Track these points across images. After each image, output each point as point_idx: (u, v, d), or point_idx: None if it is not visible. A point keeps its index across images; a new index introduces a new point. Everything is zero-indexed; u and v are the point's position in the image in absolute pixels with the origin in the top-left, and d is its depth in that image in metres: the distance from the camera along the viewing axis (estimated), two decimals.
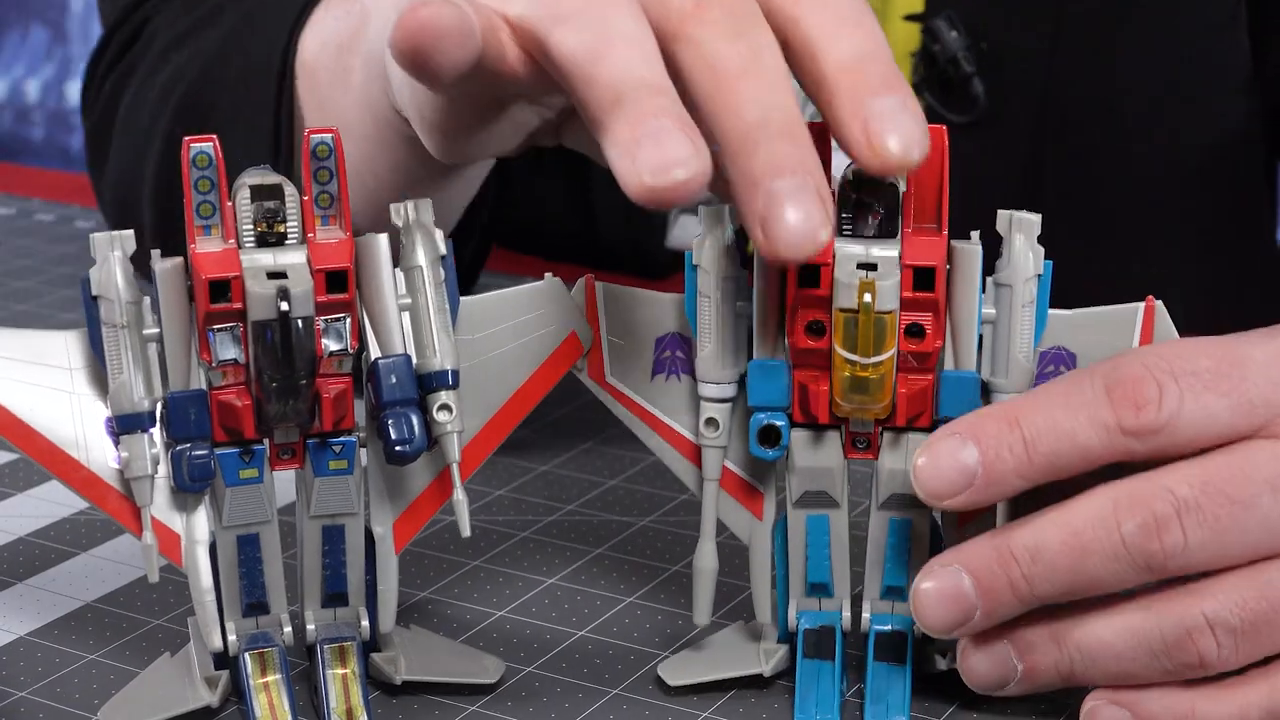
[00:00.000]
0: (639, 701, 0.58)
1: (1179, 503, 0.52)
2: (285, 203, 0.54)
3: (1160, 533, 0.52)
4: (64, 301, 0.96)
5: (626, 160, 0.48)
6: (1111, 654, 0.54)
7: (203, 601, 0.55)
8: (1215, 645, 0.53)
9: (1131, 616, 0.54)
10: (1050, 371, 0.56)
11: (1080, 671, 0.55)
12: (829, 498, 0.57)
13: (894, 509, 0.57)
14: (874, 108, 0.50)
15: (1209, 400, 0.53)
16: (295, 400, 0.54)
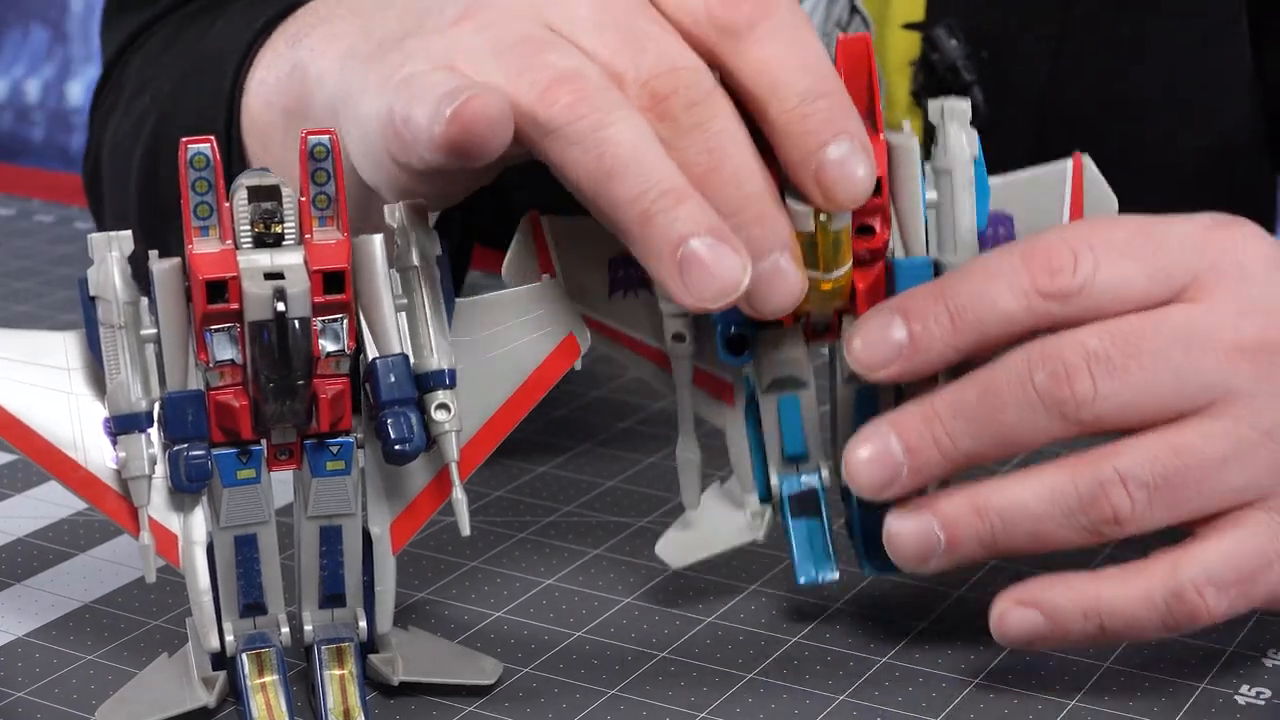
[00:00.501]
0: (637, 702, 0.58)
1: (1089, 354, 0.55)
2: (282, 203, 0.54)
3: (1070, 380, 0.54)
4: (63, 302, 0.96)
5: (679, 288, 0.53)
6: (1029, 515, 0.56)
7: (200, 602, 0.55)
8: (1129, 500, 0.55)
9: (1048, 477, 0.56)
10: (990, 234, 0.59)
11: (1001, 539, 0.56)
12: (797, 380, 0.60)
13: (858, 384, 0.60)
14: (823, 158, 0.54)
15: (1125, 265, 0.56)
16: (292, 401, 0.54)
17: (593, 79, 0.54)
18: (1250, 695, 0.58)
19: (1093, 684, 0.59)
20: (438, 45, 0.56)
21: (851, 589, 0.65)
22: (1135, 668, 0.60)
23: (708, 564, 0.67)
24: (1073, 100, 0.94)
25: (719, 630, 0.63)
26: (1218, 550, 0.56)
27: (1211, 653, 0.61)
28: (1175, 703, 0.58)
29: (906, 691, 0.59)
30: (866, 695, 0.59)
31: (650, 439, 0.78)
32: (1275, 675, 0.59)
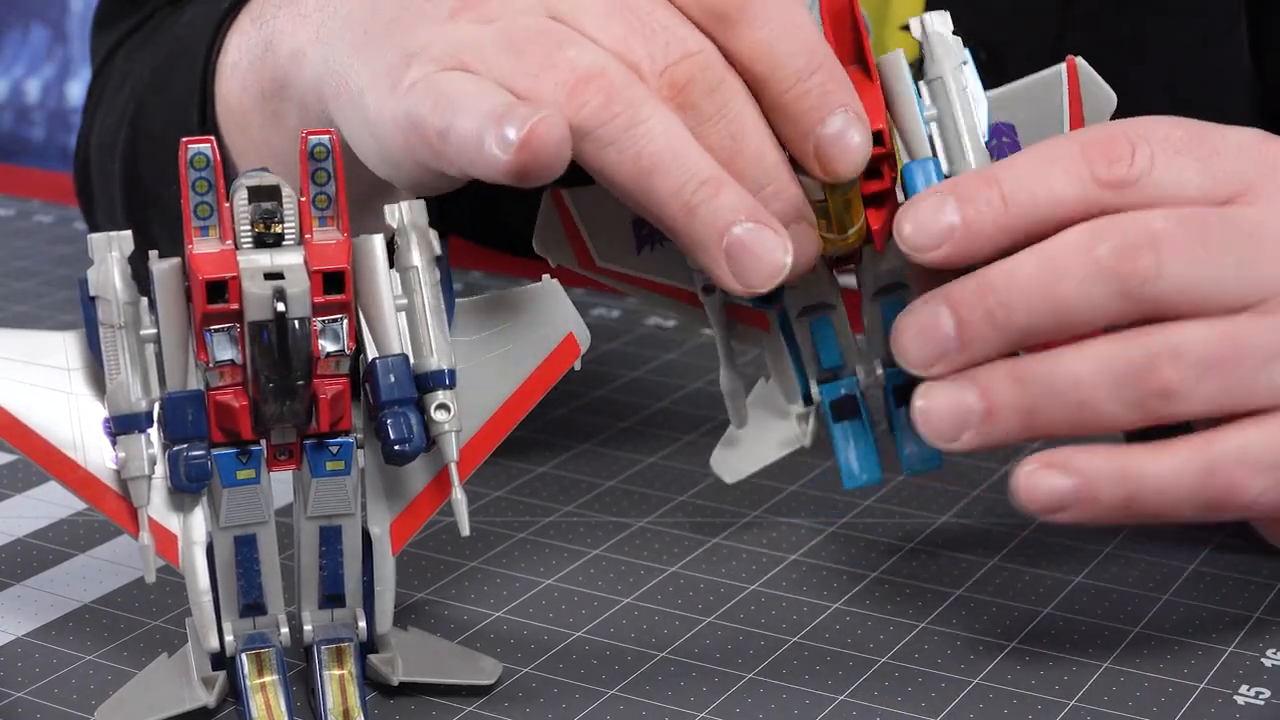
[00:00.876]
0: (636, 702, 0.58)
1: (1155, 233, 0.54)
2: (283, 204, 0.54)
3: (1135, 255, 0.53)
4: (63, 302, 0.96)
5: (729, 278, 0.54)
6: (1075, 383, 0.54)
7: (200, 602, 0.55)
8: (1179, 374, 0.53)
9: (1098, 346, 0.54)
10: (993, 145, 0.58)
11: (1044, 410, 0.54)
12: (825, 304, 0.62)
13: (885, 296, 0.61)
14: (820, 134, 0.55)
15: (1182, 162, 0.55)
16: (292, 401, 0.54)
17: (617, 75, 0.54)
18: (1249, 695, 0.58)
19: (1092, 684, 0.59)
20: (442, 41, 0.56)
21: (849, 590, 0.65)
22: (1135, 668, 0.60)
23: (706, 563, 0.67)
24: None
25: (718, 630, 0.63)
26: (1258, 434, 0.54)
27: (1211, 652, 0.61)
28: (1174, 702, 0.58)
29: (906, 692, 0.59)
30: (866, 695, 0.59)
31: (650, 439, 0.78)
32: (1275, 675, 0.59)
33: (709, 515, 0.71)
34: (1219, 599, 0.64)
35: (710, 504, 0.72)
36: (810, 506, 0.72)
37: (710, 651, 0.61)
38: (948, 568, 0.67)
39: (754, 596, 0.65)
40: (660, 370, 0.87)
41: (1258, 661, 0.60)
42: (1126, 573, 0.66)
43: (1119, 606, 0.64)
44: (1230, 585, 0.65)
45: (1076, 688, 0.59)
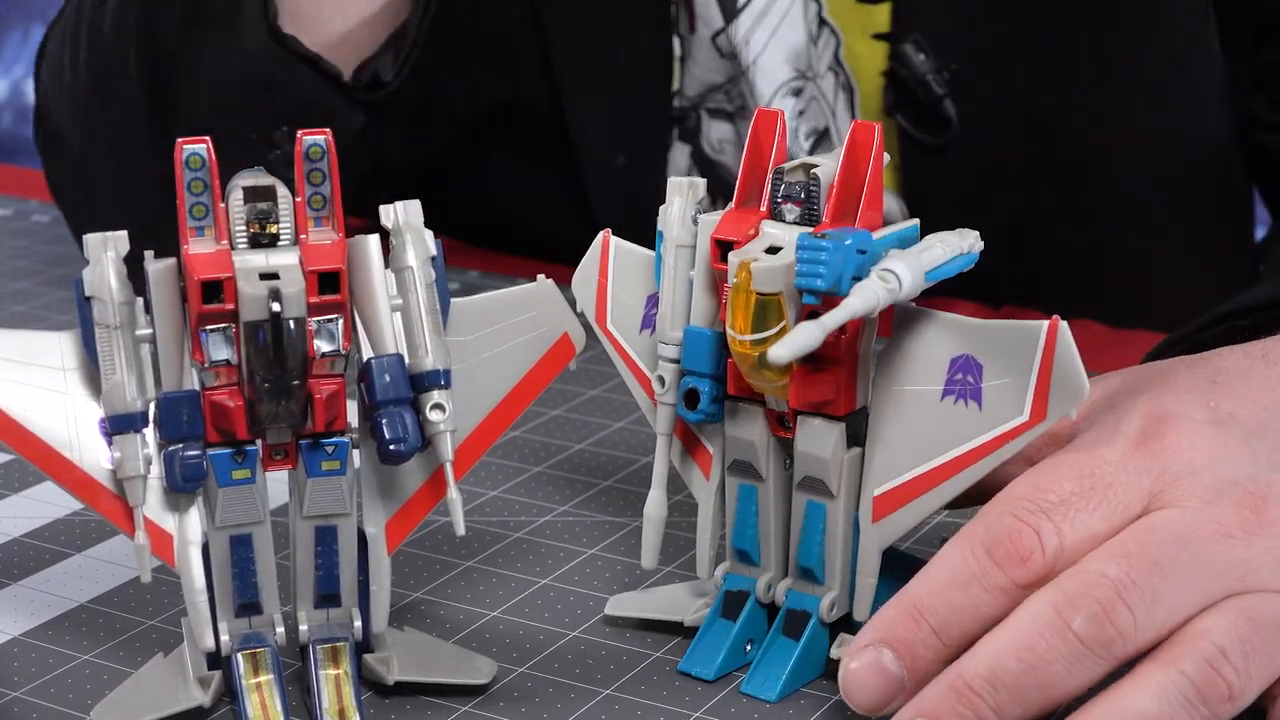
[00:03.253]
0: (631, 702, 0.58)
1: (1114, 583, 0.53)
2: (278, 204, 0.54)
3: (1111, 616, 0.53)
4: (60, 303, 0.97)
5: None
6: (1143, 716, 0.52)
7: (195, 602, 0.55)
8: (1235, 670, 0.53)
9: (1152, 676, 0.53)
10: (959, 379, 0.56)
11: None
12: (754, 470, 0.59)
13: (808, 491, 0.59)
14: None
15: (1084, 519, 0.54)
16: (287, 401, 0.54)
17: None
18: None
19: None
20: None
21: None
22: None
23: None
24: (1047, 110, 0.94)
25: None
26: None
27: None
28: None
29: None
30: None
31: (647, 439, 0.78)
32: None
33: None
34: None
35: None
36: None
37: None
38: None
39: None
40: None
41: None
42: None
43: None
44: None
45: None
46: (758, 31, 0.95)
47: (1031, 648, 0.53)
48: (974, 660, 0.53)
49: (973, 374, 0.56)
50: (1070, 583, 0.53)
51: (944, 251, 0.56)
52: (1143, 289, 0.95)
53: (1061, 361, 0.54)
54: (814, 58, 0.95)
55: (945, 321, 0.57)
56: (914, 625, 0.54)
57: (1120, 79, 0.94)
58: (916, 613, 0.55)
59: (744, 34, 0.95)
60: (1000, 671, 0.53)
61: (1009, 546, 0.54)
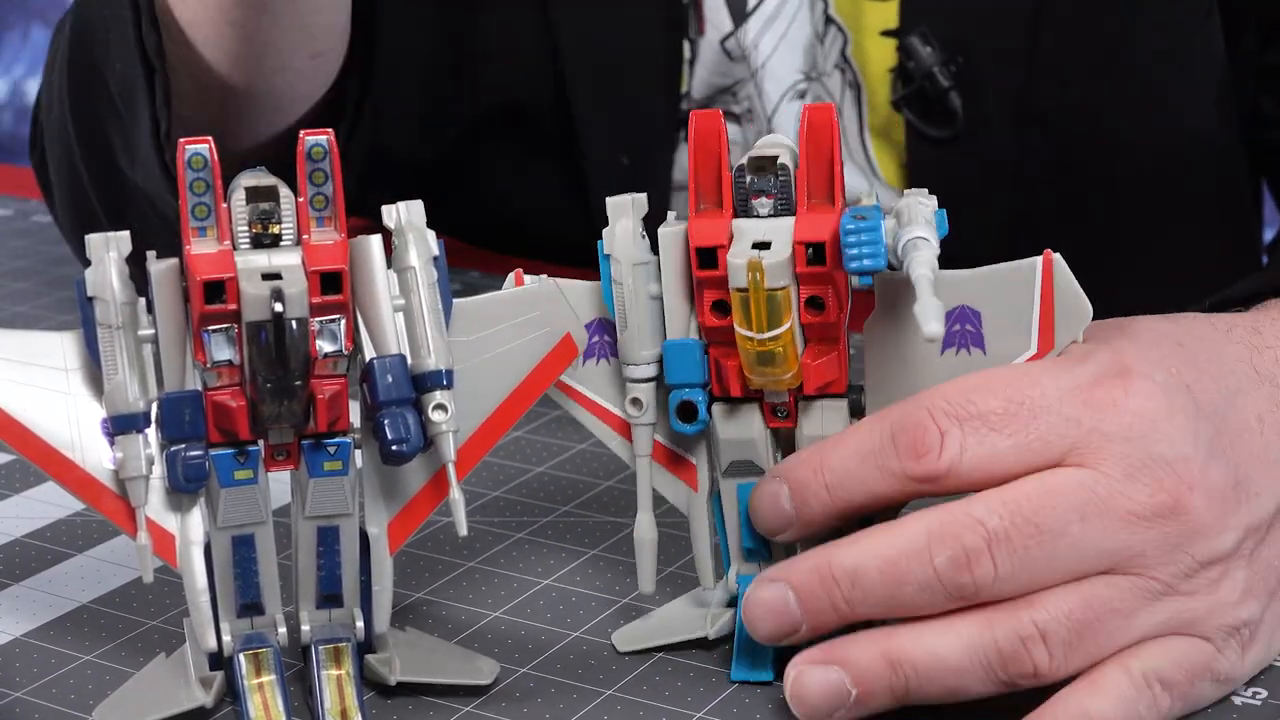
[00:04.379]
0: (633, 702, 0.58)
1: (989, 534, 0.54)
2: (280, 204, 0.54)
3: (971, 565, 0.54)
4: (61, 303, 0.96)
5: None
6: (946, 669, 0.54)
7: (197, 602, 0.55)
8: (1048, 655, 0.54)
9: (965, 629, 0.54)
10: (957, 330, 0.57)
11: (915, 689, 0.55)
12: (754, 466, 0.59)
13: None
14: None
15: (994, 441, 0.55)
16: (290, 401, 0.54)
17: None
18: (1247, 695, 0.58)
19: None
20: None
21: None
22: None
23: None
24: (1050, 105, 0.94)
25: None
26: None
27: None
28: None
29: None
30: None
31: None
32: (1272, 675, 0.59)
33: None
34: None
35: None
36: None
37: (708, 651, 0.61)
38: None
39: None
40: None
41: None
42: None
43: None
44: None
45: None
46: (767, 35, 0.95)
47: (894, 564, 0.54)
48: (843, 552, 0.55)
49: (971, 322, 0.57)
50: (950, 517, 0.54)
51: (925, 216, 0.55)
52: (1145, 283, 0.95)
53: (1062, 288, 0.56)
54: (820, 56, 0.95)
55: (948, 272, 0.56)
56: (811, 475, 0.57)
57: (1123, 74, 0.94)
58: (817, 465, 0.57)
59: (753, 38, 0.95)
60: (861, 572, 0.55)
61: (911, 438, 0.55)
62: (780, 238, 0.56)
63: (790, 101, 0.96)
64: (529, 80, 1.00)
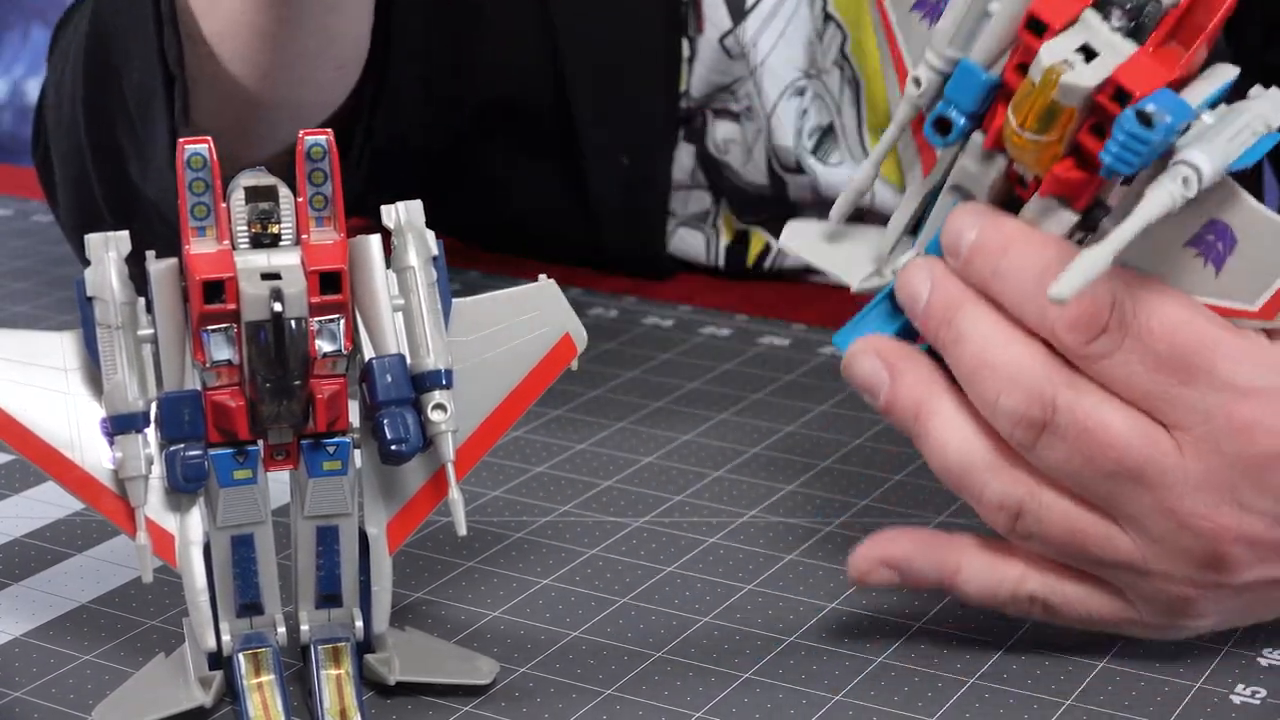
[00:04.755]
0: (633, 702, 0.58)
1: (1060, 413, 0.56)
2: (279, 204, 0.54)
3: (1031, 425, 0.56)
4: (61, 303, 0.96)
5: None
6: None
7: (197, 602, 0.55)
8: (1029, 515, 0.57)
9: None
10: (1209, 240, 0.55)
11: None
12: (967, 192, 0.59)
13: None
14: None
15: (1139, 373, 0.55)
16: (289, 401, 0.54)
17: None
18: (1246, 695, 0.58)
19: (1089, 683, 0.59)
20: None
21: (846, 590, 0.65)
22: (1131, 667, 0.60)
23: (703, 563, 0.67)
24: None
25: (715, 630, 0.63)
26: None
27: (1207, 652, 0.61)
28: (1171, 702, 0.58)
29: (902, 691, 0.59)
30: (862, 695, 0.59)
31: (647, 439, 0.78)
32: (1271, 675, 0.59)
33: (706, 515, 0.71)
34: None
35: (707, 504, 0.72)
36: (807, 506, 0.72)
37: (707, 651, 0.61)
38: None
39: (750, 596, 0.65)
40: (657, 370, 0.87)
41: (1254, 661, 0.60)
42: None
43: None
44: None
45: (1073, 687, 0.59)
46: (766, 32, 0.95)
47: (983, 366, 0.56)
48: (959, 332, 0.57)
49: (1224, 242, 0.55)
50: (1056, 373, 0.56)
51: (1250, 134, 0.53)
52: None
53: None
54: (819, 53, 0.95)
55: (1224, 182, 0.54)
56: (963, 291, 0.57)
57: None
58: (987, 278, 0.57)
59: (752, 35, 0.95)
60: (965, 358, 0.57)
61: (1089, 317, 0.55)
62: (1110, 52, 0.53)
63: (789, 99, 0.96)
64: (528, 80, 1.00)
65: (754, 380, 0.85)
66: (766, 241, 0.99)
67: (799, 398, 0.83)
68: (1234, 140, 0.53)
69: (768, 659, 0.61)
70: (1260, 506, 0.55)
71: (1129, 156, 0.52)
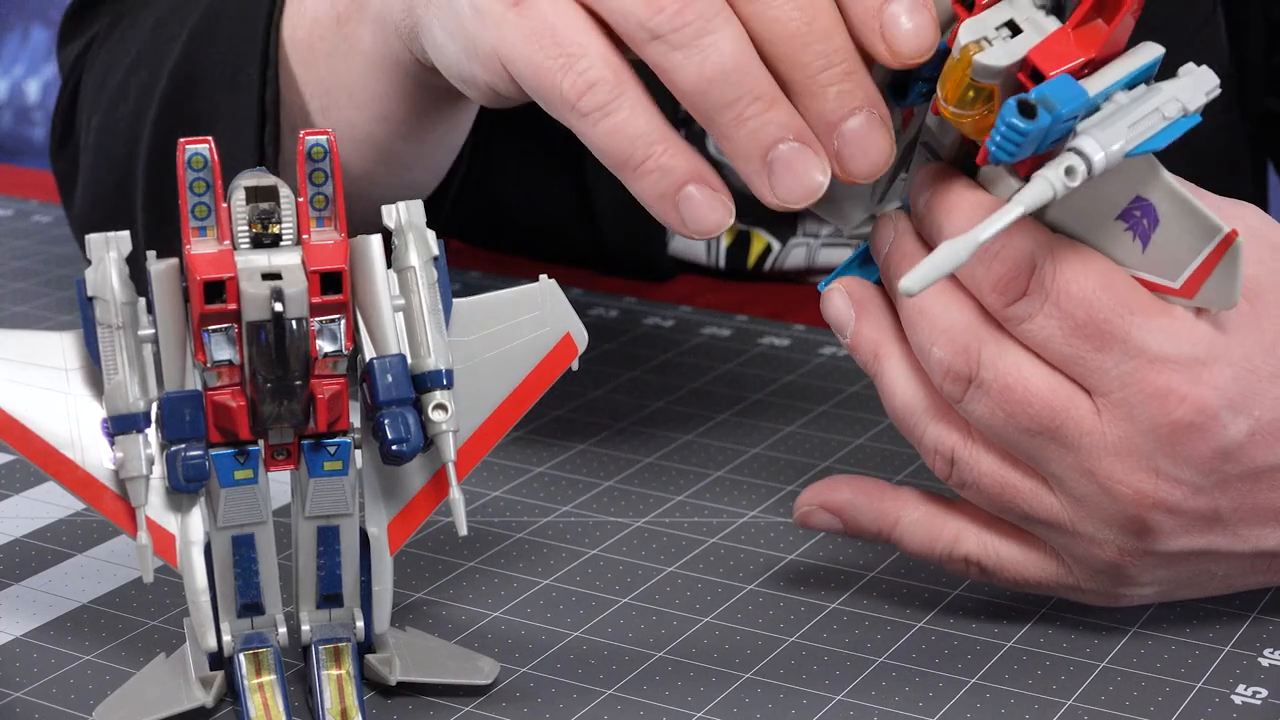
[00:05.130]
0: (634, 702, 0.58)
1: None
2: (280, 204, 0.54)
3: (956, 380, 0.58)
4: (61, 303, 0.96)
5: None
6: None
7: (197, 602, 0.55)
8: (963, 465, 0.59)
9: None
10: (1135, 215, 0.56)
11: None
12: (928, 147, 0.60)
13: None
14: (842, 133, 0.57)
15: (1056, 338, 0.57)
16: (290, 401, 0.54)
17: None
18: (1247, 695, 0.58)
19: (1089, 683, 0.59)
20: None
21: (847, 590, 0.65)
22: (1132, 667, 0.60)
23: (703, 563, 0.67)
24: None
25: (716, 630, 0.63)
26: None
27: (1208, 652, 0.61)
28: (1172, 702, 0.58)
29: (903, 691, 0.59)
30: (863, 695, 0.59)
31: (648, 439, 0.78)
32: (1272, 675, 0.59)
33: (706, 515, 0.71)
34: (1216, 599, 0.64)
35: (707, 504, 0.72)
36: None
37: (708, 651, 0.61)
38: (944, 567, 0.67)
39: (751, 596, 0.65)
40: (658, 370, 0.87)
41: (1255, 661, 0.60)
42: None
43: (1116, 606, 0.64)
44: None
45: (1074, 687, 0.59)
46: None
47: (920, 316, 0.58)
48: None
49: (1149, 219, 0.56)
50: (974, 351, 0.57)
51: (1159, 118, 0.54)
52: None
53: (1223, 270, 0.55)
54: None
55: (1148, 161, 0.55)
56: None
57: None
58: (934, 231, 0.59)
59: None
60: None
61: (1010, 275, 0.56)
62: (1032, 30, 0.54)
63: None
64: None
65: (754, 380, 0.85)
66: (767, 242, 0.99)
67: (799, 398, 0.83)
68: (1137, 125, 0.54)
69: (768, 659, 0.61)
70: (1177, 474, 0.56)
71: (1009, 147, 0.52)
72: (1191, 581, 0.60)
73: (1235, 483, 0.57)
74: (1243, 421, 0.56)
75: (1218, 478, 0.57)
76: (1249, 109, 0.97)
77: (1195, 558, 0.59)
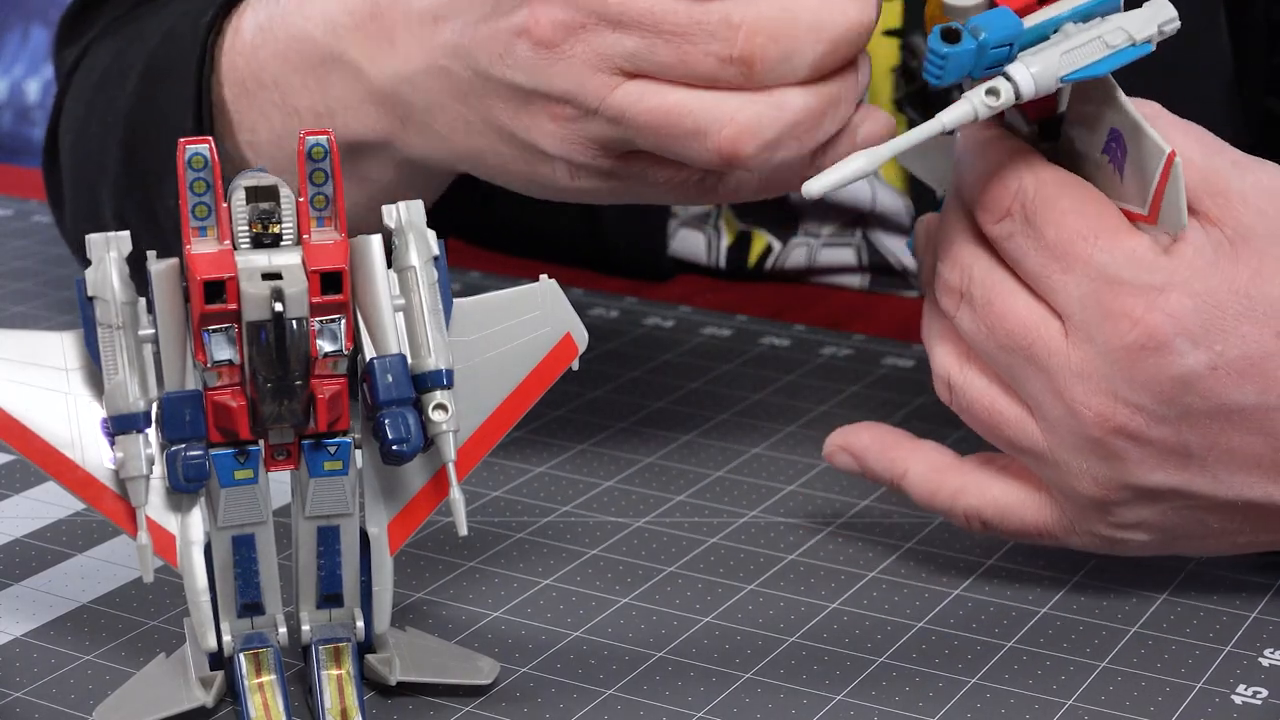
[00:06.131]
0: (634, 702, 0.58)
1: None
2: (280, 204, 0.54)
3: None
4: (61, 303, 0.96)
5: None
6: None
7: (197, 602, 0.55)
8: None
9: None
10: (1113, 146, 0.59)
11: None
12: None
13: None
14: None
15: (1031, 255, 0.60)
16: (290, 401, 0.54)
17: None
18: (1247, 695, 0.58)
19: (1090, 683, 0.59)
20: None
21: (847, 590, 0.65)
22: (1132, 667, 0.60)
23: (704, 563, 0.67)
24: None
25: (716, 630, 0.63)
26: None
27: (1209, 652, 0.61)
28: (1172, 702, 0.58)
29: (903, 691, 0.59)
30: (863, 695, 0.59)
31: (648, 439, 0.78)
32: (1272, 675, 0.59)
33: (706, 515, 0.71)
34: (1216, 599, 0.64)
35: (708, 504, 0.72)
36: (807, 506, 0.72)
37: (708, 651, 0.61)
38: (945, 567, 0.67)
39: (751, 596, 0.65)
40: (658, 370, 0.87)
41: (1255, 661, 0.60)
42: (1124, 572, 0.66)
43: (1116, 606, 0.64)
44: (1227, 585, 0.65)
45: (1074, 687, 0.59)
46: None
47: (938, 236, 0.62)
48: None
49: (1120, 148, 0.59)
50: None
51: (1101, 45, 0.56)
52: None
53: (1170, 191, 0.57)
54: None
55: (1108, 86, 0.59)
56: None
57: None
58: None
59: None
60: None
61: (995, 197, 0.60)
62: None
63: None
64: None
65: (754, 380, 0.85)
66: (768, 242, 0.99)
67: (799, 398, 0.83)
68: (1073, 52, 0.56)
69: (769, 659, 0.61)
70: (1135, 399, 0.58)
71: (934, 70, 0.55)
72: (1187, 531, 0.61)
73: (1202, 420, 0.58)
74: (1201, 353, 0.57)
75: (1179, 409, 0.58)
76: (1249, 109, 0.97)
77: (1175, 497, 0.60)
